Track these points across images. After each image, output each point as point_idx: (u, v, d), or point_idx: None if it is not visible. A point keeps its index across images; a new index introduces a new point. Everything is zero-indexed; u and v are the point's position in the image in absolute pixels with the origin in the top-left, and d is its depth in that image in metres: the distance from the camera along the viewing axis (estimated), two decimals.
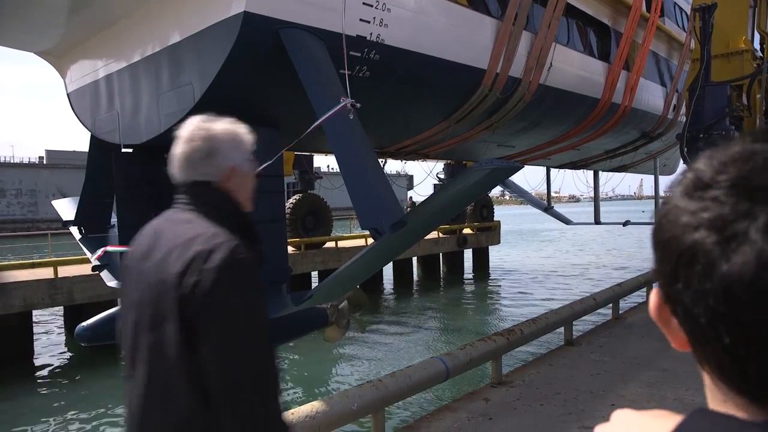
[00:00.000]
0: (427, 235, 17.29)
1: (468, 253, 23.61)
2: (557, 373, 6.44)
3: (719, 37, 13.23)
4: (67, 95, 8.12)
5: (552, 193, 18.28)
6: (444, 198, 4.88)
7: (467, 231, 22.46)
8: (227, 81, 5.55)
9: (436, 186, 21.52)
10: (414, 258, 21.22)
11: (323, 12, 5.79)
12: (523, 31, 8.58)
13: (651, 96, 13.15)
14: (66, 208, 8.56)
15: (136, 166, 7.02)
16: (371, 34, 6.35)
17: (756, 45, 15.25)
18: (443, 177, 21.87)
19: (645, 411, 0.56)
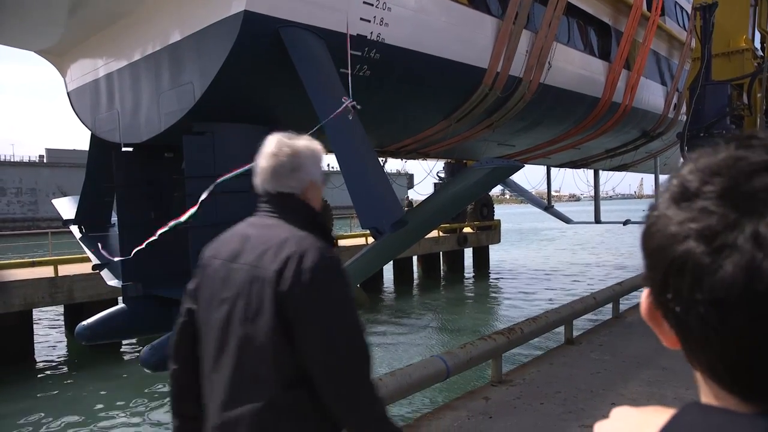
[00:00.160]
0: (428, 234, 17.29)
1: (468, 252, 23.62)
2: (557, 372, 6.44)
3: (720, 36, 13.20)
4: (68, 94, 8.12)
5: (552, 192, 18.30)
6: (444, 197, 4.89)
7: (467, 230, 22.46)
8: (228, 80, 5.55)
9: (436, 185, 21.53)
10: (414, 257, 21.23)
11: (324, 11, 5.79)
12: (524, 30, 8.58)
13: (651, 95, 13.15)
14: (66, 206, 8.57)
15: (136, 165, 7.02)
16: (372, 33, 6.34)
17: (757, 44, 15.24)
18: (443, 176, 21.88)
19: (643, 407, 0.57)
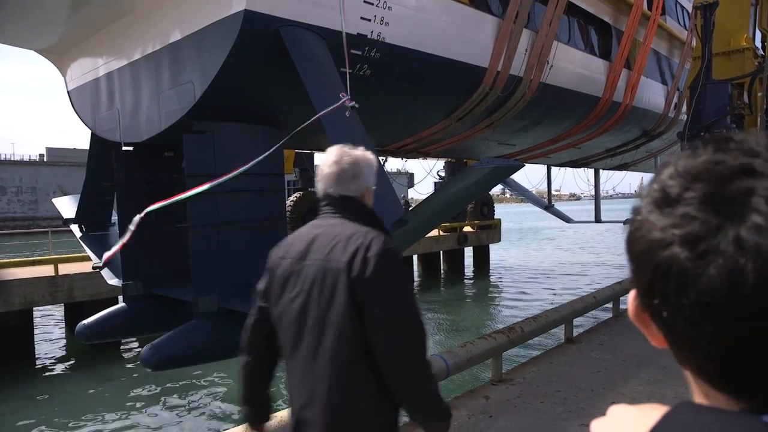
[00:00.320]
0: (428, 233, 17.28)
1: (468, 251, 23.62)
2: (557, 371, 6.44)
3: (720, 35, 13.20)
4: (68, 93, 8.12)
5: (552, 192, 18.29)
6: (445, 196, 4.89)
7: (468, 229, 22.46)
8: (228, 79, 5.54)
9: (436, 184, 21.52)
10: (414, 256, 21.23)
11: (324, 10, 5.78)
12: (524, 30, 8.57)
13: (652, 94, 13.14)
14: (66, 206, 8.56)
15: (136, 164, 7.02)
16: (372, 32, 6.34)
17: (757, 43, 15.23)
18: (444, 175, 21.87)
19: (639, 405, 0.57)
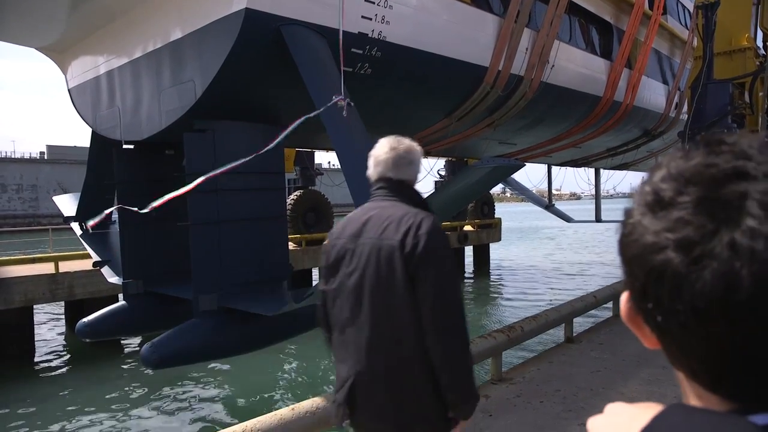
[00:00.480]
0: None
1: (469, 250, 23.62)
2: (557, 371, 6.44)
3: (722, 35, 13.20)
4: (69, 91, 8.12)
5: (553, 191, 18.28)
6: (445, 196, 4.89)
7: (468, 228, 22.46)
8: (229, 78, 5.54)
9: (437, 183, 21.51)
10: None
11: (325, 9, 5.78)
12: (525, 29, 8.56)
13: (653, 94, 13.13)
14: (67, 203, 8.58)
15: (137, 162, 7.03)
16: (373, 31, 6.33)
17: (759, 42, 15.22)
18: (444, 174, 21.86)
19: (635, 403, 0.58)
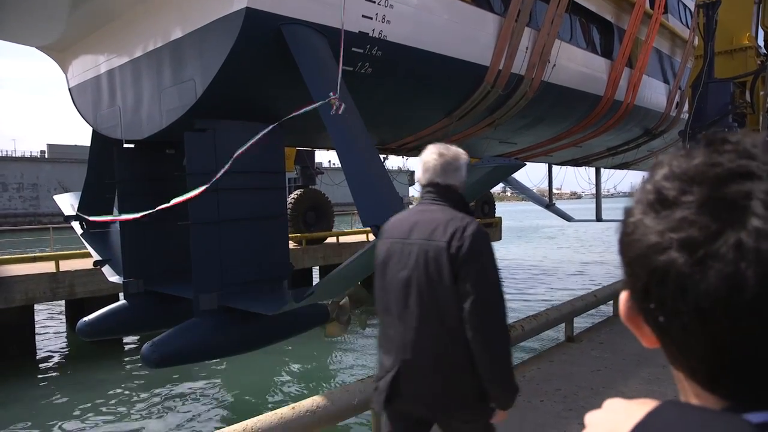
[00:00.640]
0: None
1: None
2: (558, 370, 6.45)
3: (723, 34, 13.18)
4: (69, 90, 8.12)
5: (553, 190, 18.26)
6: None
7: None
8: (229, 77, 5.54)
9: None
10: None
11: (326, 8, 5.77)
12: (526, 28, 8.55)
13: (654, 93, 13.11)
14: (68, 202, 8.58)
15: (137, 161, 7.03)
16: (373, 30, 6.33)
17: (760, 41, 15.19)
18: None
19: (633, 399, 0.58)
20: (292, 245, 15.43)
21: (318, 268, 17.45)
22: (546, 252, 31.85)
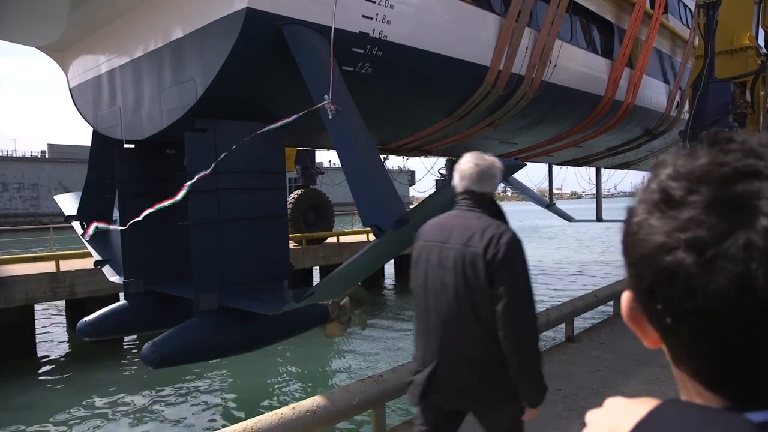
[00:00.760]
0: None
1: None
2: (558, 370, 6.45)
3: (723, 34, 13.17)
4: (70, 90, 8.12)
5: (554, 190, 18.25)
6: (446, 196, 4.87)
7: None
8: (230, 77, 5.54)
9: (437, 182, 21.48)
10: None
11: (326, 8, 5.77)
12: (526, 28, 8.55)
13: (654, 93, 13.11)
14: (68, 203, 8.58)
15: (138, 161, 7.03)
16: (374, 30, 6.33)
17: (761, 41, 15.18)
18: (445, 173, 21.83)
19: (634, 398, 0.57)
20: (292, 245, 15.43)
21: (318, 268, 17.45)
22: (546, 252, 31.83)
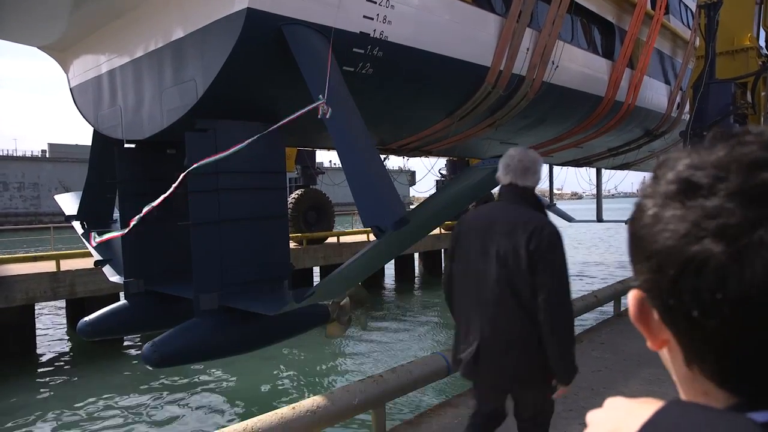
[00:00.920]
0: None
1: None
2: None
3: (724, 34, 13.15)
4: (70, 90, 8.12)
5: (554, 191, 18.25)
6: (447, 197, 4.89)
7: None
8: (230, 77, 5.54)
9: (438, 182, 21.49)
10: (416, 254, 21.23)
11: (327, 8, 5.78)
12: (527, 29, 8.54)
13: (655, 94, 13.10)
14: (68, 202, 8.58)
15: (138, 161, 7.03)
16: (374, 31, 6.33)
17: (762, 42, 15.17)
18: (445, 173, 21.84)
19: (634, 398, 0.57)
20: (292, 245, 15.43)
21: (318, 268, 17.45)
22: None
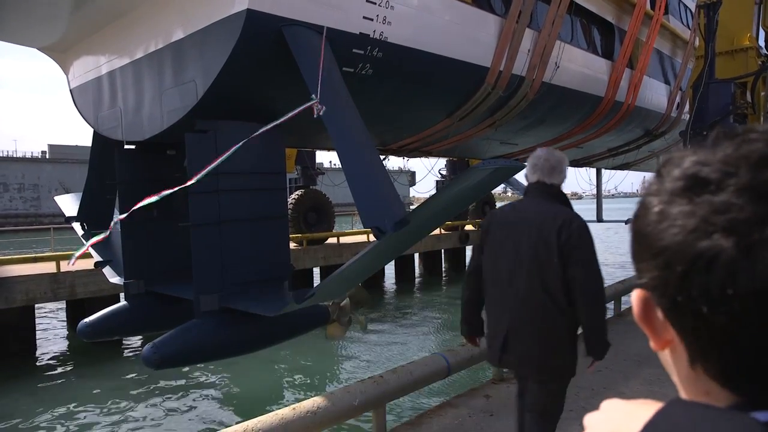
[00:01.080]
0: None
1: (470, 250, 23.57)
2: None
3: (724, 34, 13.14)
4: (70, 91, 8.13)
5: None
6: (447, 197, 4.88)
7: (469, 227, 22.44)
8: (230, 78, 5.54)
9: (438, 183, 21.50)
10: (416, 254, 21.22)
11: (326, 9, 5.78)
12: (527, 29, 8.55)
13: (654, 94, 13.11)
14: (68, 204, 8.58)
15: (138, 162, 7.03)
16: (374, 31, 6.33)
17: (761, 42, 15.17)
18: (446, 174, 21.85)
19: (631, 400, 0.57)
20: (292, 246, 15.43)
21: (319, 268, 17.44)
22: None
